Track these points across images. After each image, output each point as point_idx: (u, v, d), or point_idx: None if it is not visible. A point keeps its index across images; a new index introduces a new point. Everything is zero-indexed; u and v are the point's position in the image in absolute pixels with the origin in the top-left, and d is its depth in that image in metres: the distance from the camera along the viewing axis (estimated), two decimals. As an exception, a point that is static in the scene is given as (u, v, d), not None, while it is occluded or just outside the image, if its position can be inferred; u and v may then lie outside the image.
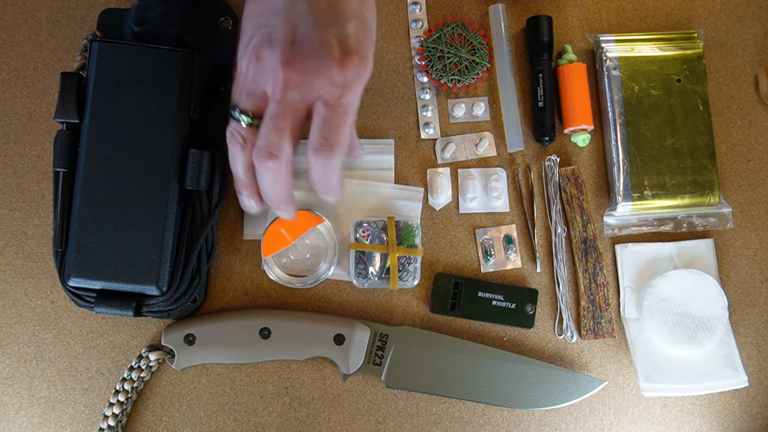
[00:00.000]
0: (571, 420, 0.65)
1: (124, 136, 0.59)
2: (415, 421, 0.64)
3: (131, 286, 0.58)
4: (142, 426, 0.63)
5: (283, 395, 0.64)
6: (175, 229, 0.59)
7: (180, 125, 0.59)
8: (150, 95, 0.59)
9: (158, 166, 0.59)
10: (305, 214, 0.63)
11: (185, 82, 0.60)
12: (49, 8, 0.67)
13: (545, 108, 0.67)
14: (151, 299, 0.59)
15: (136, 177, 0.58)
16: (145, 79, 0.59)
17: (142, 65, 0.59)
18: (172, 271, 0.59)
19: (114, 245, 0.58)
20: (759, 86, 0.69)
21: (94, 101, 0.59)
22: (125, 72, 0.59)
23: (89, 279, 0.58)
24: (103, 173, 0.58)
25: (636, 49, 0.67)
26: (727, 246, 0.68)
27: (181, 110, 0.59)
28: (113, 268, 0.58)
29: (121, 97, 0.59)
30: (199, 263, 0.61)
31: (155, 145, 0.59)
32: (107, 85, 0.59)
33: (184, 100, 0.59)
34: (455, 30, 0.68)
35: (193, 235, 0.61)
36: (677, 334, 0.63)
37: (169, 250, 0.59)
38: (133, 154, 0.58)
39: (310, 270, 0.64)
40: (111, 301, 0.59)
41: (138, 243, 0.58)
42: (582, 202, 0.66)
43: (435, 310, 0.65)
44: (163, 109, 0.59)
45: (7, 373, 0.64)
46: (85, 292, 0.59)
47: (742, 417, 0.66)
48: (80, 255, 0.58)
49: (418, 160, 0.67)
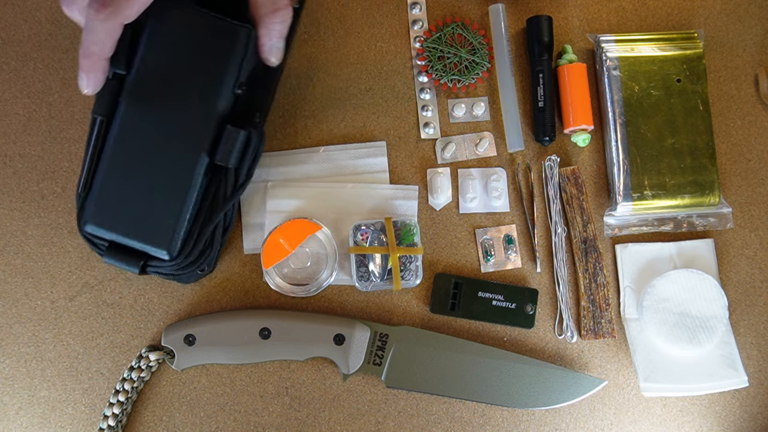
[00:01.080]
0: (571, 420, 0.65)
1: (166, 97, 0.58)
2: (415, 421, 0.64)
3: (142, 245, 0.58)
4: (142, 426, 0.64)
5: (283, 395, 0.64)
6: (197, 199, 0.59)
7: (223, 99, 0.58)
8: (201, 63, 0.58)
9: (193, 134, 0.58)
10: (303, 222, 0.63)
11: (238, 57, 0.58)
12: (49, 8, 0.67)
13: (545, 108, 0.67)
14: (160, 262, 0.59)
15: (169, 140, 0.58)
16: (200, 45, 0.58)
17: (201, 31, 0.58)
18: (185, 239, 0.59)
19: (134, 202, 0.58)
20: (759, 86, 0.69)
21: (145, 56, 0.58)
22: (182, 34, 0.58)
23: (104, 229, 0.58)
24: (138, 129, 0.58)
25: (636, 49, 0.67)
26: (727, 246, 0.68)
27: (228, 84, 0.58)
28: (129, 224, 0.58)
29: (172, 58, 0.58)
30: (213, 236, 0.61)
31: (194, 112, 0.58)
32: (162, 43, 0.58)
33: (232, 74, 0.58)
34: (455, 30, 0.68)
35: (213, 208, 0.60)
36: (677, 334, 0.63)
37: (186, 218, 0.58)
38: (171, 117, 0.58)
39: (312, 278, 0.64)
40: (120, 254, 0.59)
41: (157, 205, 0.58)
42: (582, 202, 0.66)
43: (435, 310, 0.65)
44: (210, 79, 0.58)
45: (7, 373, 0.64)
46: (99, 240, 0.59)
47: (742, 417, 0.66)
48: (100, 204, 0.58)
49: (418, 160, 0.67)
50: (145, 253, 0.59)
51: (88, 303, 0.64)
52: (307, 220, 0.63)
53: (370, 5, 0.68)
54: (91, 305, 0.64)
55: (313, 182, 0.65)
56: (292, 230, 0.63)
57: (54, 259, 0.65)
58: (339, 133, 0.67)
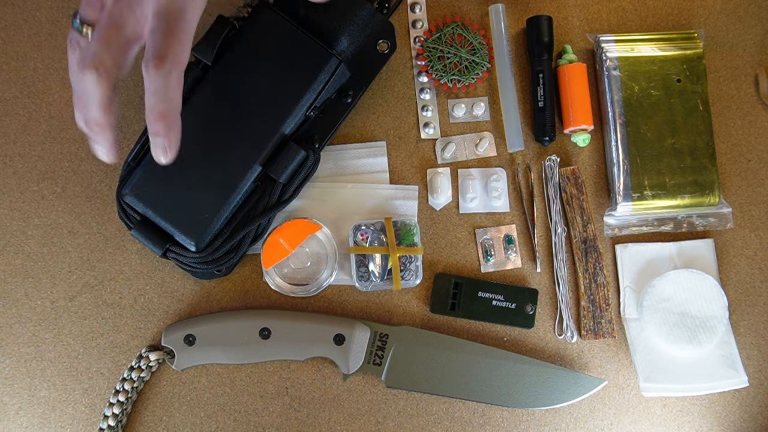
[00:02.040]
0: (571, 420, 0.65)
1: (241, 99, 0.59)
2: (415, 421, 0.64)
3: (174, 230, 0.59)
4: (142, 426, 0.63)
5: (283, 395, 0.64)
6: (238, 202, 0.60)
7: (294, 117, 0.60)
8: (284, 77, 0.60)
9: (255, 141, 0.59)
10: (303, 222, 0.63)
11: (321, 83, 0.60)
12: (49, 8, 0.67)
13: (545, 108, 0.67)
14: (183, 250, 0.60)
15: (231, 141, 0.59)
16: (289, 61, 0.60)
17: (293, 47, 0.60)
18: (215, 236, 0.60)
19: (178, 187, 0.59)
20: (759, 86, 0.69)
21: (233, 56, 0.60)
22: (275, 45, 0.60)
23: (142, 203, 0.59)
24: (205, 121, 0.59)
25: (636, 49, 0.67)
26: (727, 246, 0.68)
27: (304, 105, 0.60)
28: (167, 206, 0.59)
29: (258, 65, 0.60)
30: (242, 242, 0.61)
31: (264, 122, 0.59)
32: (253, 48, 0.60)
33: (310, 97, 0.60)
34: (455, 30, 0.68)
35: (251, 215, 0.61)
36: (677, 334, 0.63)
37: (223, 217, 0.59)
38: (239, 120, 0.59)
39: (312, 278, 0.64)
40: (149, 232, 0.60)
41: (200, 197, 0.59)
42: (582, 202, 0.66)
43: (435, 310, 0.65)
44: (288, 96, 0.60)
45: (7, 373, 0.64)
46: (133, 212, 0.60)
47: (742, 417, 0.66)
48: (145, 178, 0.59)
49: (418, 160, 0.67)
50: (172, 237, 0.60)
51: (88, 303, 0.64)
52: (307, 220, 0.63)
53: (370, 5, 0.68)
54: (91, 305, 0.64)
55: (314, 182, 0.66)
56: (292, 230, 0.63)
57: (54, 259, 0.65)
58: (339, 133, 0.67)
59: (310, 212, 0.65)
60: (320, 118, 0.63)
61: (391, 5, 0.66)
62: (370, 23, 0.63)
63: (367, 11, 0.62)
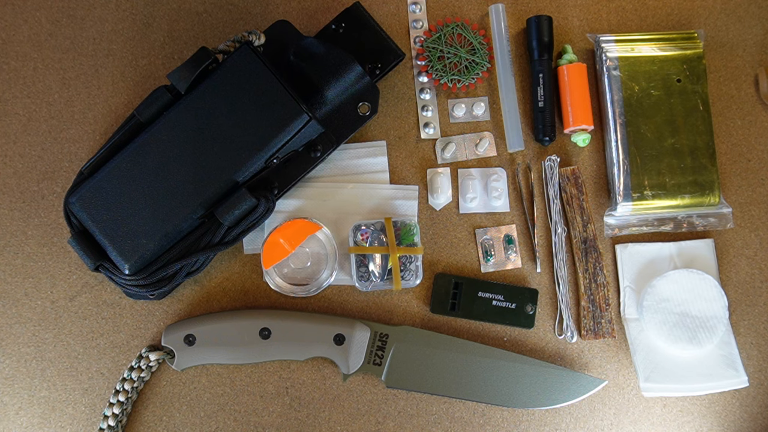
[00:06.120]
0: (571, 420, 0.65)
1: (204, 135, 0.59)
2: (415, 421, 0.64)
3: (110, 248, 0.59)
4: (142, 426, 0.63)
5: (283, 395, 0.64)
6: (177, 236, 0.60)
7: (252, 165, 0.59)
8: (251, 123, 0.59)
9: (205, 181, 0.59)
10: (303, 222, 0.63)
11: (288, 135, 0.59)
12: (49, 8, 0.67)
13: (545, 108, 0.67)
14: (116, 269, 0.60)
15: (183, 174, 0.59)
16: (259, 108, 0.59)
17: (266, 96, 0.59)
18: (150, 263, 0.60)
19: (124, 208, 0.59)
20: (759, 86, 0.69)
21: (206, 90, 0.59)
22: (249, 90, 0.59)
23: (86, 214, 0.59)
24: (163, 149, 0.59)
25: (636, 49, 0.67)
26: (727, 246, 0.68)
27: (266, 153, 0.59)
28: (108, 223, 0.59)
29: (228, 105, 0.59)
30: (175, 274, 0.61)
31: (219, 164, 0.59)
32: (227, 87, 0.59)
33: (274, 147, 0.59)
34: (455, 30, 0.68)
35: (190, 250, 0.61)
36: (677, 334, 0.63)
37: (160, 246, 0.59)
38: (196, 156, 0.59)
39: (312, 278, 0.64)
40: (85, 244, 0.60)
41: (142, 222, 0.59)
42: (582, 202, 0.66)
43: (435, 310, 0.65)
44: (250, 143, 0.59)
45: (7, 373, 0.64)
46: (76, 219, 0.60)
47: (742, 417, 0.66)
48: (94, 190, 0.59)
49: (418, 160, 0.67)
50: (107, 255, 0.60)
51: (88, 303, 0.64)
52: (307, 220, 0.63)
53: (370, 5, 0.68)
54: (91, 305, 0.64)
55: (314, 182, 0.66)
56: (292, 230, 0.63)
57: (54, 259, 0.65)
58: (339, 133, 0.67)
59: (310, 212, 0.65)
60: (284, 167, 0.62)
61: (382, 71, 0.65)
62: (355, 84, 0.62)
63: (356, 72, 0.62)
